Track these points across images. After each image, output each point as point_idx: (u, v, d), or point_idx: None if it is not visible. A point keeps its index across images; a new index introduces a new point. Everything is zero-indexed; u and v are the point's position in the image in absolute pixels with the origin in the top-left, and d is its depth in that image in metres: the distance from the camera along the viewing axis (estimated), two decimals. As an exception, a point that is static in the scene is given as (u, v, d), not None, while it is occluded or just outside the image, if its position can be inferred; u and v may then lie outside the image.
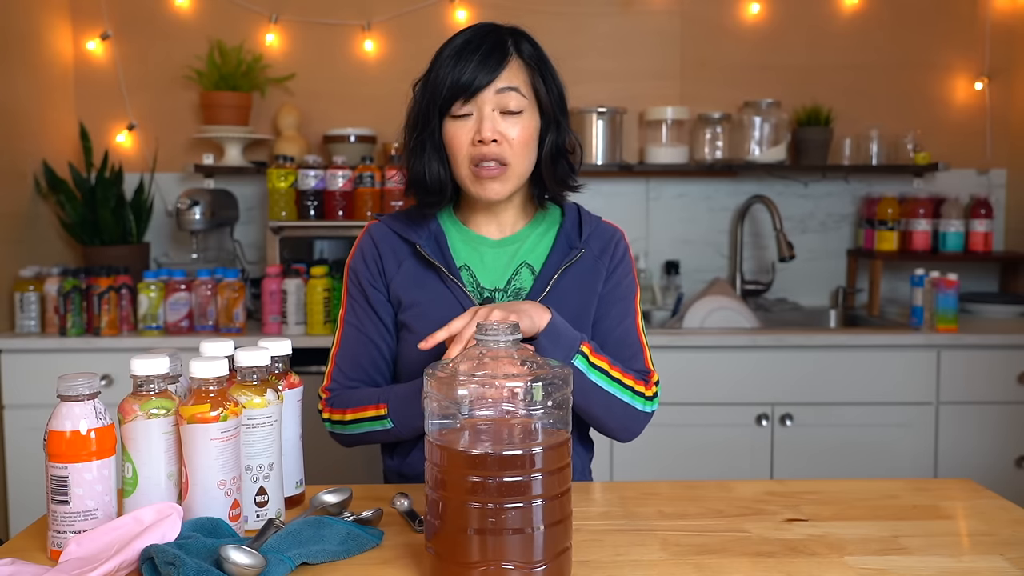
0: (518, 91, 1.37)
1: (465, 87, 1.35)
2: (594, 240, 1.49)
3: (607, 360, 1.38)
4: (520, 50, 1.40)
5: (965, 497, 1.31)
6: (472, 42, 1.37)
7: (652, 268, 3.26)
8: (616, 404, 1.38)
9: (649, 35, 3.23)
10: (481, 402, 0.96)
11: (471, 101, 1.36)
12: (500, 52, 1.37)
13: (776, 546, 1.11)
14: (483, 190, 1.40)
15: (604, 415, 1.40)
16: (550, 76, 1.43)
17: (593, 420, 1.42)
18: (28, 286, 2.70)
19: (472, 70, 1.35)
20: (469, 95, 1.35)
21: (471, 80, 1.35)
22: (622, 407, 1.39)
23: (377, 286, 1.46)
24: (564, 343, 1.32)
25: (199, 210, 2.81)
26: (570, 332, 1.34)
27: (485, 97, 1.36)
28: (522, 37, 1.42)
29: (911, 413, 2.69)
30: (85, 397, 1.05)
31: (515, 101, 1.37)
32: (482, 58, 1.35)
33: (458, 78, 1.35)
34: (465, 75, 1.35)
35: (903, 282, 3.23)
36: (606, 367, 1.37)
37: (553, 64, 1.44)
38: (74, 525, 1.05)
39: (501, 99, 1.36)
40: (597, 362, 1.36)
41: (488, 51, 1.36)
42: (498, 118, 1.37)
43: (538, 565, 0.95)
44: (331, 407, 1.45)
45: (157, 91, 3.17)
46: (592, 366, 1.35)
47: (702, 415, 2.67)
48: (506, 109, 1.37)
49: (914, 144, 3.13)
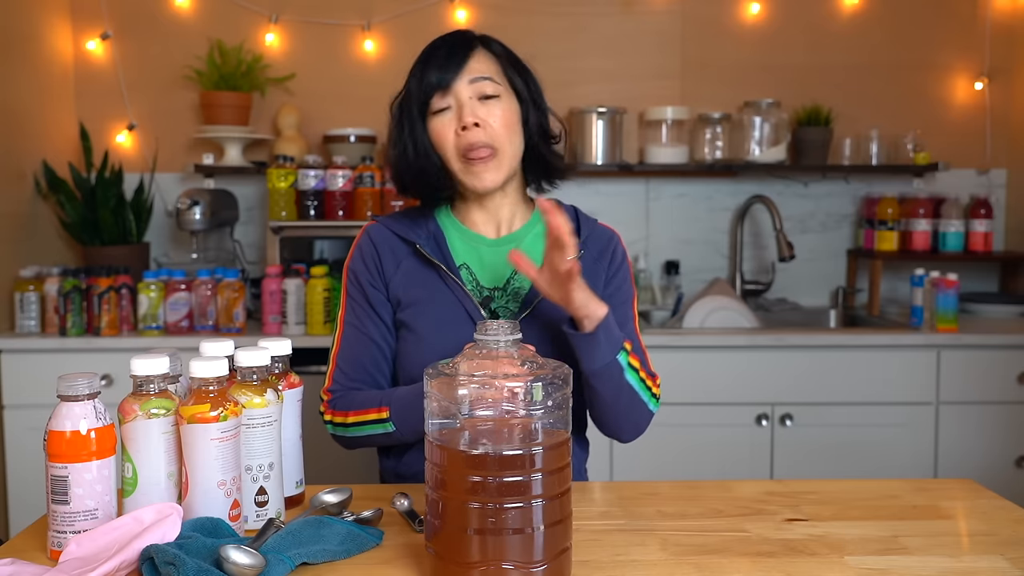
0: (491, 79, 1.41)
1: (438, 81, 1.39)
2: (592, 242, 1.50)
3: (638, 359, 1.40)
4: (487, 45, 1.45)
5: (965, 497, 1.32)
6: (437, 45, 1.44)
7: (652, 268, 3.26)
8: (638, 403, 1.40)
9: (649, 35, 3.23)
10: (481, 402, 0.96)
11: (447, 95, 1.40)
12: (465, 46, 1.42)
13: (776, 546, 1.11)
14: (476, 179, 1.41)
15: (627, 413, 1.41)
16: (523, 70, 1.47)
17: (614, 418, 1.42)
18: (28, 286, 2.70)
19: (441, 65, 1.40)
20: (443, 88, 1.40)
21: (442, 73, 1.39)
22: (641, 406, 1.41)
23: (376, 286, 1.47)
24: (614, 339, 1.34)
25: (199, 210, 2.81)
26: (617, 328, 1.36)
27: (459, 88, 1.40)
28: (489, 39, 1.47)
29: (911, 413, 2.69)
30: (85, 397, 1.05)
31: (490, 87, 1.41)
32: (448, 53, 1.41)
33: (430, 77, 1.40)
34: (436, 71, 1.40)
35: (903, 282, 3.23)
36: (637, 366, 1.39)
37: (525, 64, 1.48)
38: (74, 525, 1.05)
39: (476, 87, 1.40)
40: (632, 361, 1.38)
41: (453, 46, 1.42)
42: (477, 104, 1.40)
43: (538, 565, 0.95)
44: (333, 409, 1.44)
45: (157, 91, 3.17)
46: (629, 365, 1.37)
47: (702, 415, 2.67)
48: (483, 95, 1.40)
49: (914, 144, 3.13)
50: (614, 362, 1.34)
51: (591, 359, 1.33)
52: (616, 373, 1.35)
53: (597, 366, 1.33)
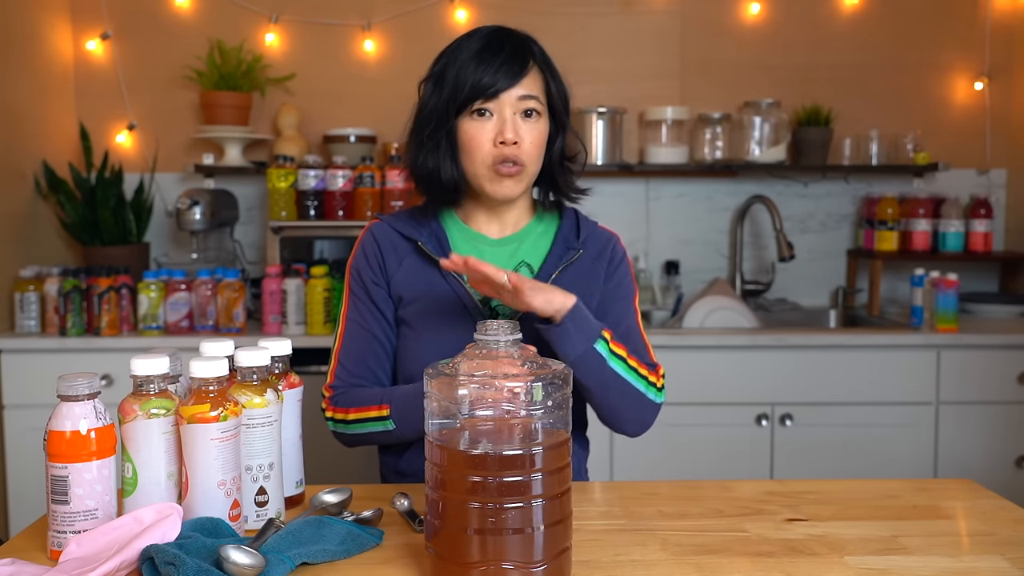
0: (537, 99, 1.41)
1: (486, 88, 1.38)
2: (591, 242, 1.51)
3: (625, 348, 1.40)
4: (535, 56, 1.43)
5: (965, 497, 1.32)
6: (492, 45, 1.40)
7: (652, 268, 3.26)
8: (632, 392, 1.39)
9: (649, 35, 3.23)
10: (481, 402, 0.96)
11: (492, 101, 1.39)
12: (522, 58, 1.40)
13: (776, 546, 1.11)
14: (500, 188, 1.41)
15: (621, 404, 1.40)
16: (559, 82, 1.46)
17: (608, 409, 1.42)
18: (28, 286, 2.70)
19: (495, 73, 1.38)
20: (490, 96, 1.38)
21: (493, 82, 1.38)
22: (638, 396, 1.40)
23: (379, 283, 1.47)
24: (587, 328, 1.34)
25: (199, 210, 2.81)
26: (591, 318, 1.36)
27: (506, 100, 1.39)
28: (535, 43, 1.46)
29: (911, 413, 2.69)
30: (85, 397, 1.05)
31: (535, 106, 1.40)
32: (505, 61, 1.39)
33: (480, 79, 1.38)
34: (487, 77, 1.38)
35: (903, 282, 3.23)
36: (624, 355, 1.39)
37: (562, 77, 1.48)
38: (74, 525, 1.05)
39: (522, 104, 1.39)
40: (616, 349, 1.37)
41: (511, 55, 1.39)
42: (519, 121, 1.39)
43: (538, 565, 0.95)
44: (334, 406, 1.45)
45: (157, 91, 3.17)
46: (612, 353, 1.36)
47: (702, 415, 2.67)
48: (524, 113, 1.40)
49: (914, 144, 3.13)
50: (591, 351, 1.34)
51: (564, 350, 1.33)
52: (596, 362, 1.35)
53: (573, 356, 1.33)
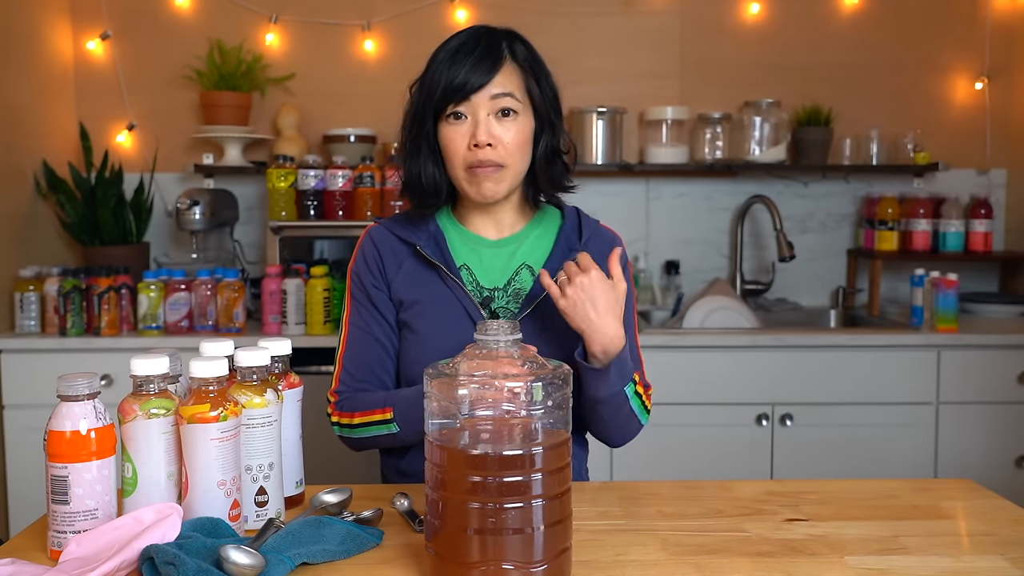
0: (512, 96, 1.38)
1: (458, 89, 1.36)
2: (593, 243, 1.50)
3: (643, 384, 1.43)
4: (514, 53, 1.41)
5: (965, 497, 1.32)
6: (467, 44, 1.38)
7: (652, 268, 3.26)
8: (632, 420, 1.43)
9: (649, 35, 3.23)
10: (481, 402, 0.96)
11: (465, 103, 1.37)
12: (494, 56, 1.38)
13: (776, 546, 1.11)
14: (479, 191, 1.40)
15: (619, 428, 1.43)
16: (544, 78, 1.44)
17: (602, 429, 1.45)
18: (28, 286, 2.70)
19: (466, 72, 1.36)
20: (462, 97, 1.36)
21: (464, 82, 1.36)
22: (634, 421, 1.44)
23: (379, 287, 1.47)
24: (626, 372, 1.36)
25: (199, 210, 2.81)
26: (628, 359, 1.38)
27: (479, 101, 1.37)
28: (516, 39, 1.43)
29: (911, 413, 2.69)
30: (85, 397, 1.05)
31: (510, 103, 1.38)
32: (476, 61, 1.36)
33: (452, 80, 1.36)
34: (459, 77, 1.36)
35: (903, 282, 3.23)
36: (641, 391, 1.42)
37: (548, 66, 1.45)
38: (74, 525, 1.05)
39: (496, 103, 1.37)
40: (638, 389, 1.41)
41: (482, 54, 1.37)
42: (493, 122, 1.37)
43: (538, 565, 0.95)
44: (340, 410, 1.45)
45: (157, 91, 3.17)
46: (636, 393, 1.40)
47: (702, 415, 2.67)
48: (500, 112, 1.38)
49: (914, 144, 3.13)
50: (620, 392, 1.36)
51: (597, 389, 1.35)
52: (620, 401, 1.37)
53: (602, 396, 1.35)
